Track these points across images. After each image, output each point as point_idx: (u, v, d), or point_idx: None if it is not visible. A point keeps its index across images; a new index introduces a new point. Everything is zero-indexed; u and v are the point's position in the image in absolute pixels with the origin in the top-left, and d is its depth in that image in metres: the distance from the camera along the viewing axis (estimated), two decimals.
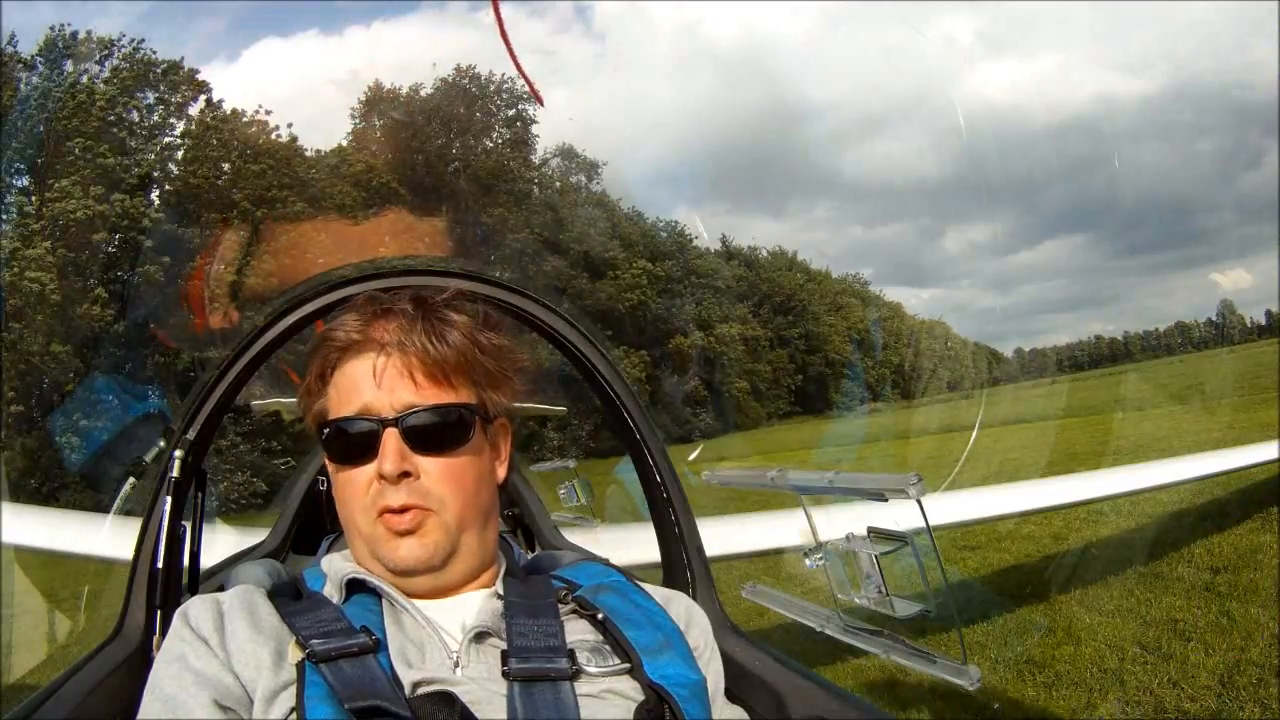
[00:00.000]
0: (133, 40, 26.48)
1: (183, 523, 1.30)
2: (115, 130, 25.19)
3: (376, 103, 32.43)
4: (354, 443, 0.98)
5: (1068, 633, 4.45)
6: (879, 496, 1.03)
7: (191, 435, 1.33)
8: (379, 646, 0.90)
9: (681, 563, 1.35)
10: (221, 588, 1.09)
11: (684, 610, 1.08)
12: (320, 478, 2.55)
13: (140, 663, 1.14)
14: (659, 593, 1.10)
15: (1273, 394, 14.34)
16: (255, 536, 2.74)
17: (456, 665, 0.92)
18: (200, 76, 27.24)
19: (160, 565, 1.25)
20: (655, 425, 1.40)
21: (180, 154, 26.55)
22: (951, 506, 4.54)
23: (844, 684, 1.13)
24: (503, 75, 33.32)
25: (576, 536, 2.46)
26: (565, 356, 1.45)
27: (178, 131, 26.77)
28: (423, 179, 31.29)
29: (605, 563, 1.21)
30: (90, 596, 5.34)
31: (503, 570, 1.07)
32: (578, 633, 0.98)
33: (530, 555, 1.53)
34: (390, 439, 0.96)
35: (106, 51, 26.14)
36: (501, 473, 1.08)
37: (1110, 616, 4.63)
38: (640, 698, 0.91)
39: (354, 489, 0.99)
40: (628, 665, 0.94)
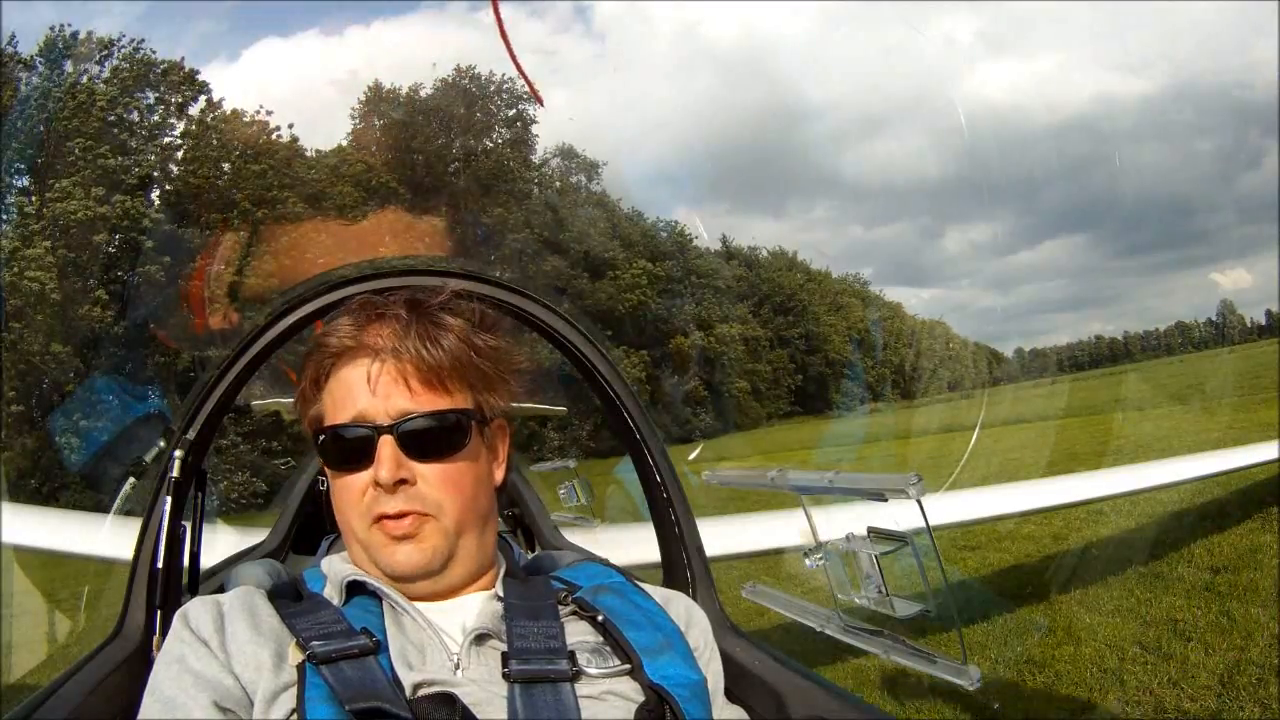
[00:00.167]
0: (133, 40, 26.54)
1: (183, 523, 1.30)
2: (115, 130, 25.19)
3: (376, 103, 32.44)
4: (350, 449, 0.98)
5: (1068, 633, 4.45)
6: (879, 496, 1.03)
7: (191, 435, 1.33)
8: (379, 648, 0.90)
9: (681, 563, 1.35)
10: (221, 588, 1.09)
11: (684, 610, 1.08)
12: (320, 478, 2.55)
13: (140, 663, 1.14)
14: (659, 593, 1.10)
15: (1273, 394, 14.33)
16: (255, 536, 2.74)
17: (457, 667, 0.92)
18: (200, 76, 27.30)
19: (160, 565, 1.25)
20: (655, 425, 1.39)
21: (180, 154, 26.55)
22: (951, 506, 4.54)
23: (844, 684, 1.13)
24: (503, 75, 33.35)
25: (576, 536, 2.46)
26: (565, 356, 1.45)
27: (178, 131, 26.81)
28: (422, 179, 31.29)
29: (605, 563, 1.21)
30: (90, 596, 5.33)
31: (502, 572, 1.07)
32: (578, 634, 0.98)
33: (530, 555, 1.53)
34: (386, 446, 0.96)
35: (106, 51, 26.14)
36: (500, 475, 1.08)
37: (1110, 616, 4.62)
38: (641, 698, 0.91)
39: (350, 495, 0.98)
40: (628, 666, 0.94)
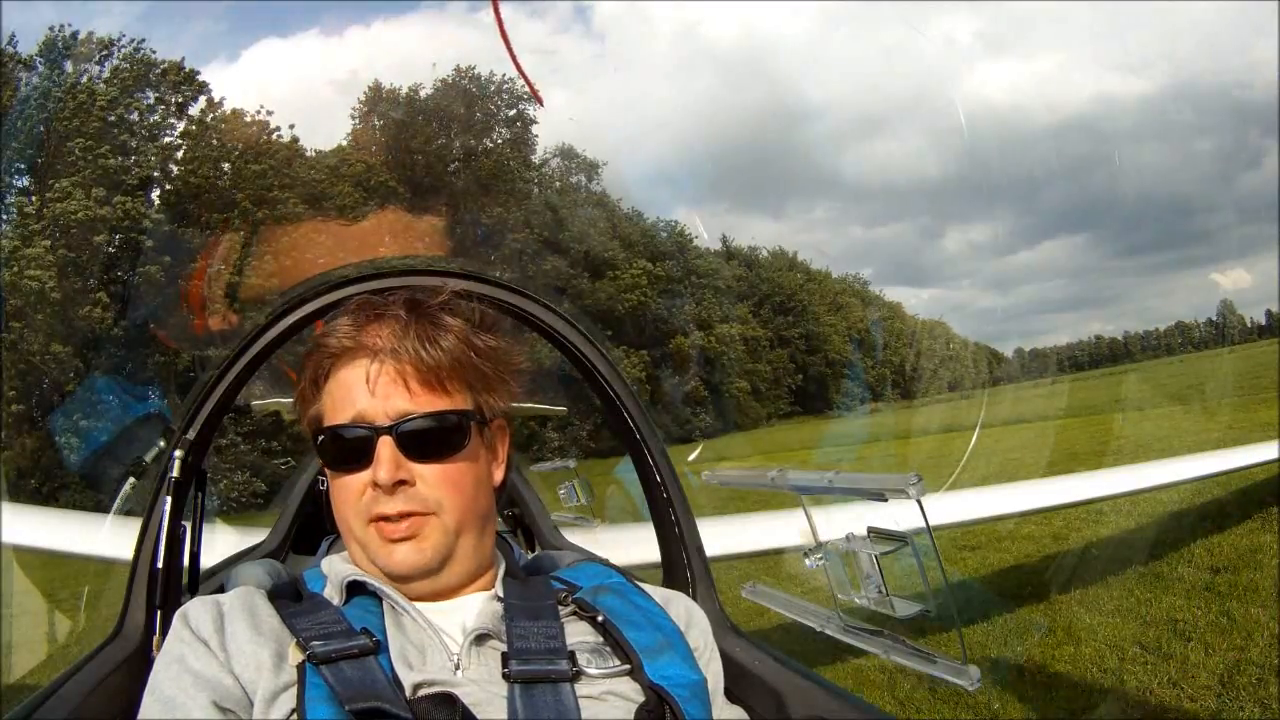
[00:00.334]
0: (133, 40, 26.55)
1: (183, 523, 1.30)
2: (116, 131, 25.19)
3: (376, 103, 32.44)
4: (348, 450, 0.98)
5: (1068, 633, 4.45)
6: (879, 496, 1.03)
7: (191, 435, 1.33)
8: (379, 648, 0.90)
9: (681, 563, 1.35)
10: (221, 588, 1.09)
11: (684, 610, 1.08)
12: (320, 478, 2.55)
13: (140, 663, 1.14)
14: (659, 593, 1.10)
15: (1273, 394, 14.33)
16: (255, 536, 2.74)
17: (457, 667, 0.92)
18: (200, 77, 27.30)
19: (160, 565, 1.25)
20: (655, 425, 1.39)
21: (180, 154, 26.55)
22: (951, 506, 4.54)
23: (844, 684, 1.13)
24: (503, 75, 33.34)
25: (576, 536, 2.46)
26: (565, 356, 1.45)
27: (178, 131, 26.81)
28: (422, 179, 31.28)
29: (605, 563, 1.21)
30: (90, 596, 5.33)
31: (502, 572, 1.07)
32: (578, 634, 0.98)
33: (530, 555, 1.53)
34: (385, 447, 0.96)
35: (106, 51, 26.15)
36: (499, 475, 1.08)
37: (1110, 616, 4.62)
38: (641, 699, 0.91)
39: (348, 495, 0.98)
40: (628, 666, 0.94)
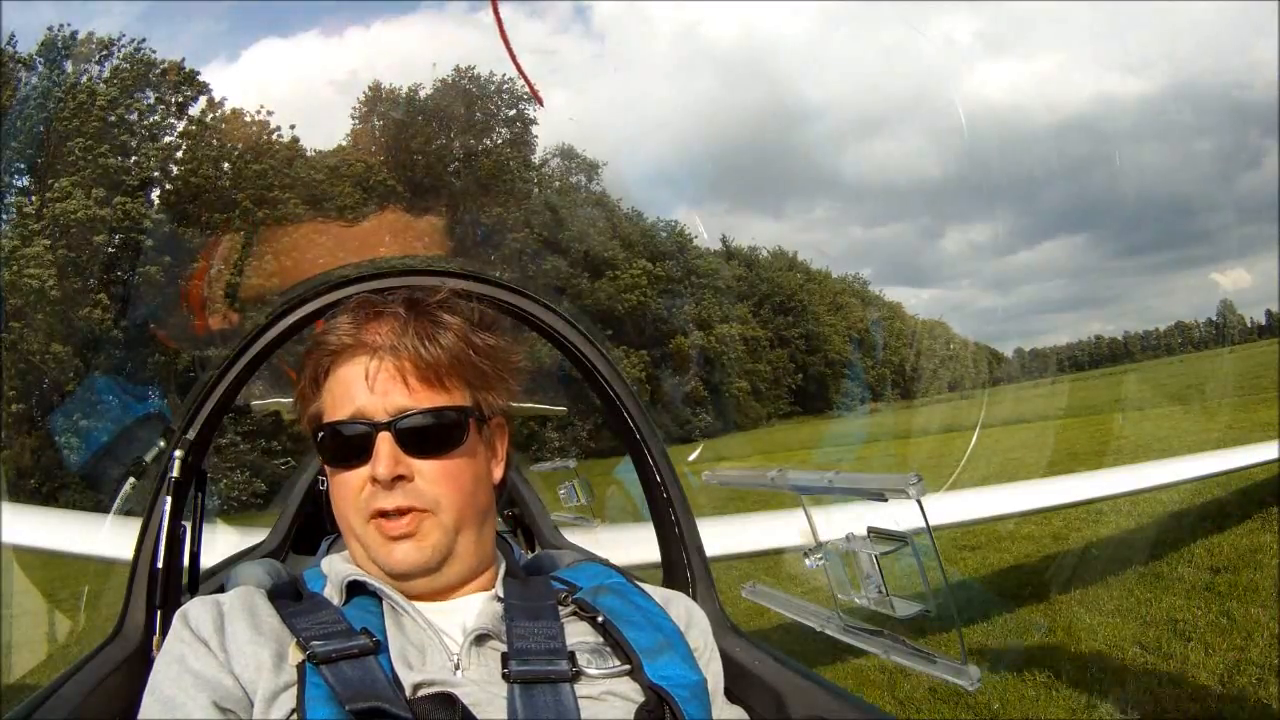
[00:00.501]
0: (133, 40, 26.55)
1: (183, 523, 1.30)
2: (116, 131, 25.19)
3: (376, 103, 32.45)
4: (348, 446, 0.98)
5: (1068, 633, 4.45)
6: (879, 496, 1.03)
7: (191, 435, 1.33)
8: (380, 648, 0.90)
9: (681, 563, 1.35)
10: (222, 588, 1.09)
11: (684, 611, 1.08)
12: (320, 477, 2.55)
13: (140, 663, 1.14)
14: (659, 593, 1.10)
15: (1273, 394, 14.33)
16: (255, 536, 2.74)
17: (457, 667, 0.92)
18: (200, 77, 27.31)
19: (160, 565, 1.25)
20: (655, 425, 1.39)
21: (180, 154, 26.55)
22: (951, 506, 4.54)
23: (844, 684, 1.13)
24: (503, 75, 33.36)
25: (576, 536, 2.46)
26: (565, 356, 1.45)
27: (178, 131, 26.80)
28: (422, 179, 31.29)
29: (605, 563, 1.21)
30: (90, 596, 5.33)
31: (502, 572, 1.07)
32: (578, 634, 0.98)
33: (530, 555, 1.53)
34: (384, 442, 0.96)
35: (106, 51, 26.15)
36: (498, 473, 1.08)
37: (1110, 616, 4.62)
38: (641, 699, 0.91)
39: (348, 491, 0.99)
40: (628, 667, 0.94)
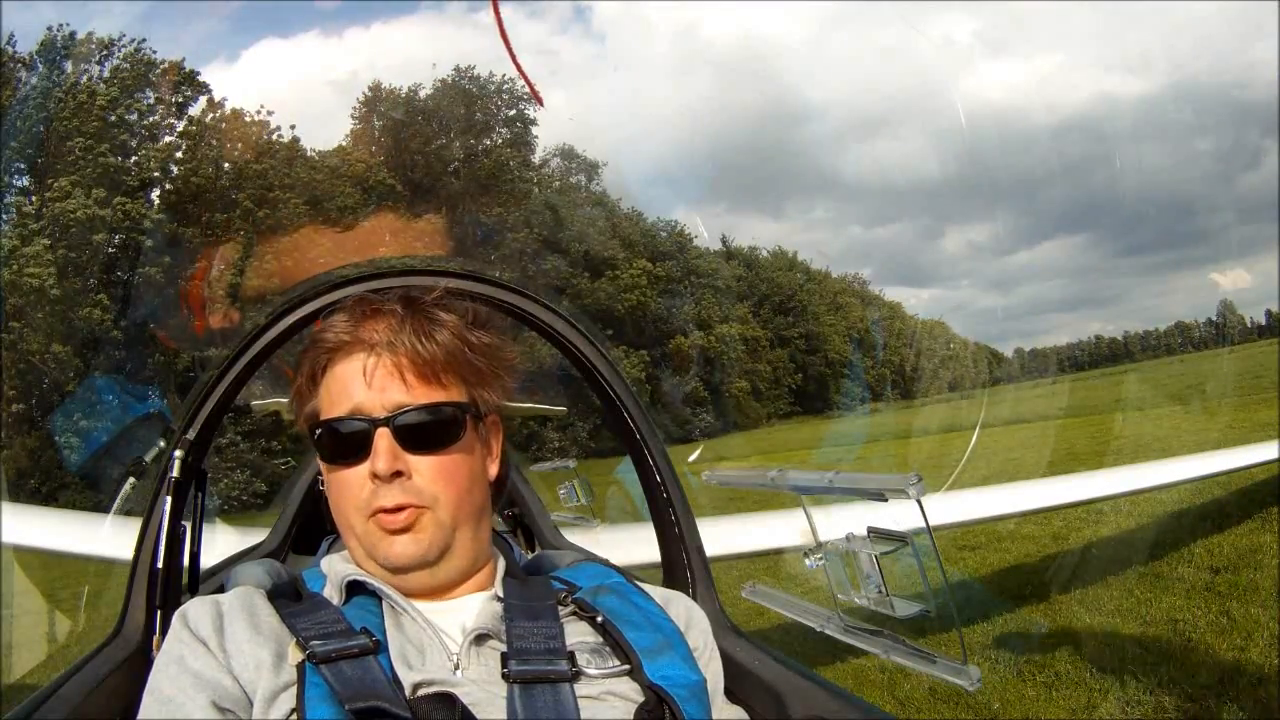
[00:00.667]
0: (133, 40, 26.55)
1: (183, 523, 1.30)
2: (116, 131, 25.20)
3: (376, 103, 32.45)
4: (346, 443, 0.99)
5: (1068, 633, 4.45)
6: (879, 496, 1.03)
7: (191, 435, 1.33)
8: (379, 648, 0.90)
9: (681, 563, 1.35)
10: (221, 588, 1.09)
11: (684, 610, 1.08)
12: (320, 477, 2.54)
13: (140, 663, 1.14)
14: (659, 593, 1.10)
15: (1273, 394, 14.34)
16: (255, 536, 2.74)
17: (457, 667, 0.92)
18: (200, 77, 27.31)
19: (160, 565, 1.25)
20: (655, 425, 1.39)
21: (180, 154, 26.56)
22: (951, 506, 4.54)
23: (844, 684, 1.13)
24: (503, 75, 33.37)
25: (576, 536, 2.46)
26: (565, 356, 1.44)
27: (178, 131, 26.81)
28: (422, 179, 31.29)
29: (605, 563, 1.21)
30: (90, 596, 5.33)
31: (502, 572, 1.07)
32: (577, 634, 0.98)
33: (530, 555, 1.53)
34: (382, 439, 0.97)
35: (106, 51, 26.15)
36: (494, 470, 1.09)
37: (1110, 616, 4.62)
38: (640, 699, 0.91)
39: (347, 489, 0.99)
40: (627, 667, 0.94)
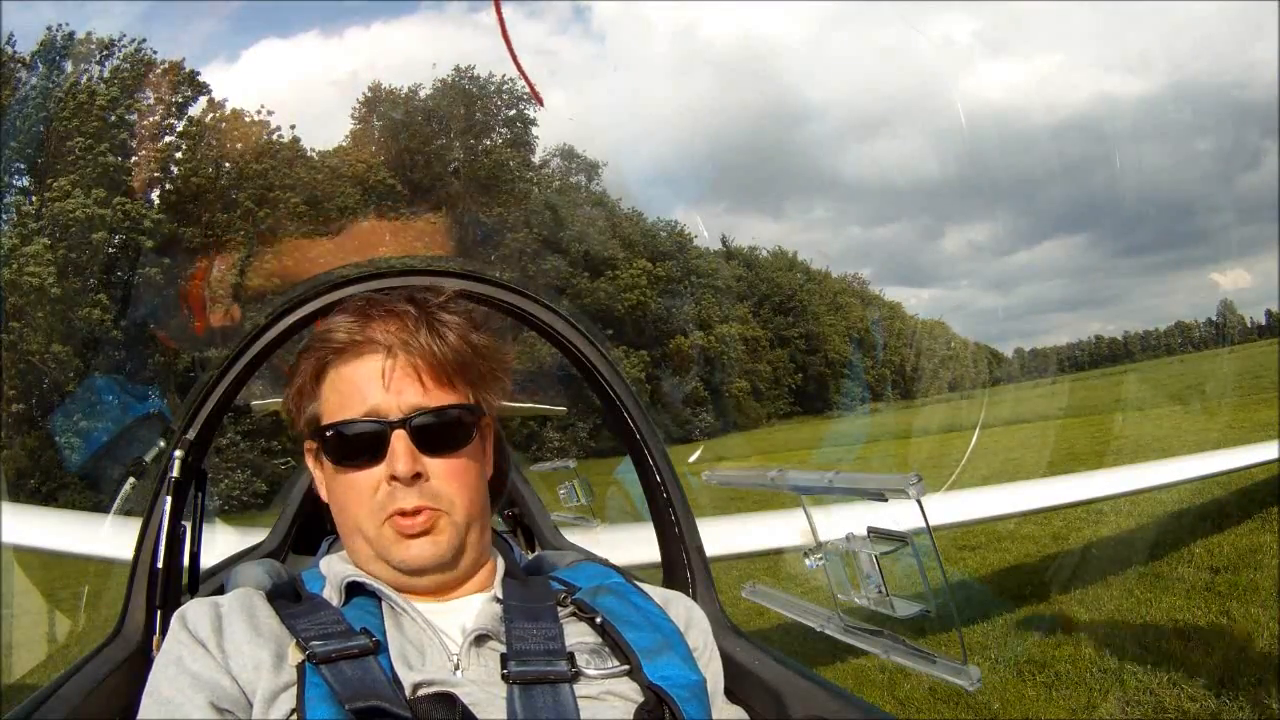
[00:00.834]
0: (133, 40, 26.56)
1: (183, 523, 1.30)
2: (116, 131, 25.20)
3: (376, 103, 32.45)
4: (359, 445, 0.98)
5: (1068, 633, 4.45)
6: (879, 496, 1.03)
7: (191, 435, 1.33)
8: (379, 648, 0.90)
9: (681, 563, 1.34)
10: (222, 587, 1.09)
11: (684, 611, 1.08)
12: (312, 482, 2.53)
13: (140, 663, 1.14)
14: (659, 594, 1.10)
15: (1273, 394, 14.34)
16: (255, 536, 2.74)
17: (457, 667, 0.92)
18: (200, 77, 27.32)
19: (160, 565, 1.24)
20: (655, 425, 1.39)
21: (180, 154, 26.56)
22: (951, 506, 4.54)
23: (844, 684, 1.13)
24: (503, 75, 33.40)
25: (576, 536, 2.46)
26: (565, 356, 1.44)
27: (178, 131, 26.80)
28: (422, 179, 31.29)
29: (605, 564, 1.21)
30: (90, 596, 5.33)
31: (501, 573, 1.07)
32: (577, 635, 0.98)
33: (531, 556, 1.53)
34: (400, 441, 0.96)
35: (107, 51, 26.16)
36: (489, 470, 1.09)
37: (1110, 616, 4.62)
38: (640, 699, 0.91)
39: (358, 492, 0.98)
40: (626, 667, 0.94)
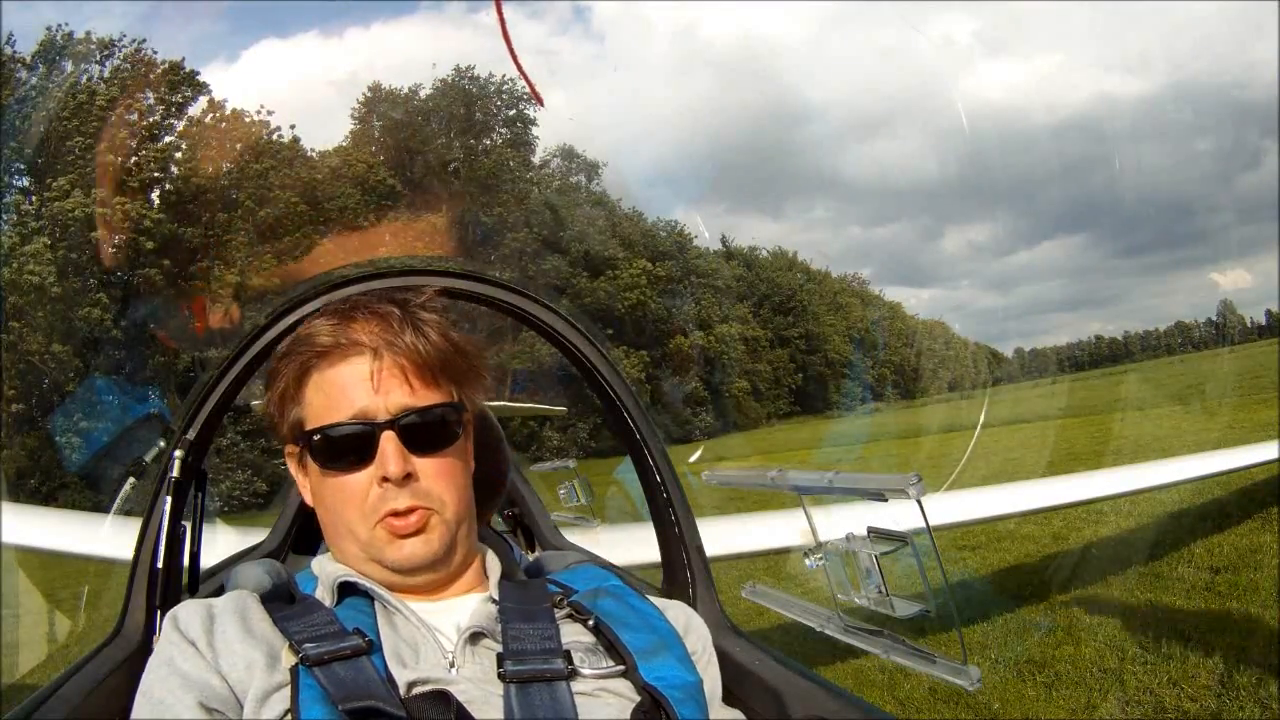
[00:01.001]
0: (133, 40, 26.57)
1: (183, 523, 1.30)
2: (116, 131, 25.20)
3: (376, 103, 32.47)
4: (349, 448, 0.97)
5: (1068, 633, 4.45)
6: (879, 496, 1.03)
7: (191, 435, 1.33)
8: (372, 648, 0.89)
9: (681, 563, 1.34)
10: (221, 588, 1.09)
11: (682, 615, 1.08)
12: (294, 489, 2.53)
13: (140, 663, 1.14)
14: (657, 601, 1.10)
15: (1273, 394, 14.34)
16: (255, 536, 2.73)
17: (452, 665, 0.92)
18: (200, 77, 27.34)
19: (160, 565, 1.24)
20: (655, 425, 1.39)
21: (180, 154, 26.56)
22: (951, 506, 4.54)
23: (844, 684, 1.13)
24: (503, 75, 33.46)
25: (576, 536, 2.46)
26: (565, 356, 1.44)
27: (178, 131, 26.82)
28: (422, 179, 31.30)
29: (604, 566, 1.21)
30: (90, 596, 5.34)
31: (497, 575, 1.07)
32: (573, 635, 0.98)
33: (531, 557, 1.53)
34: (389, 442, 0.96)
35: (107, 51, 26.17)
36: (473, 466, 1.09)
37: (1110, 616, 4.62)
38: (636, 699, 0.91)
39: (349, 495, 0.98)
40: (622, 667, 0.93)
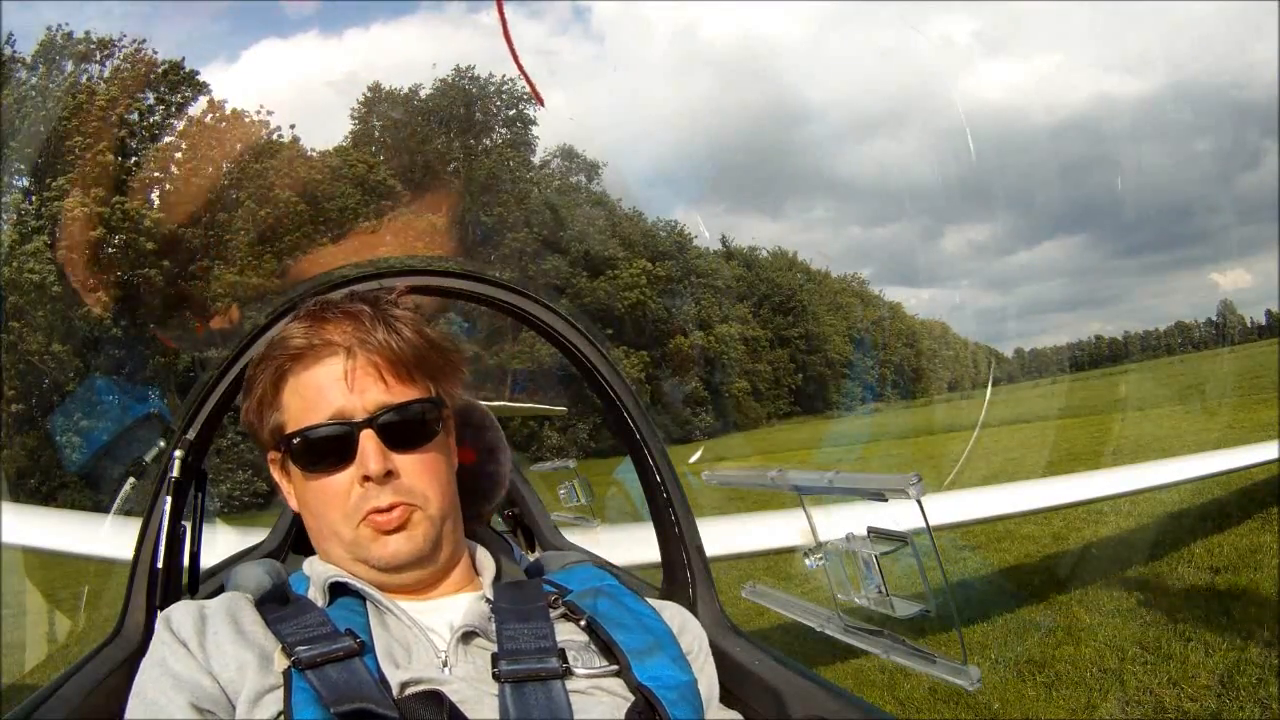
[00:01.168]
0: (133, 40, 26.57)
1: (183, 523, 1.30)
2: (116, 131, 25.21)
3: (376, 103, 32.47)
4: (328, 449, 0.97)
5: (1068, 633, 4.45)
6: (879, 496, 1.03)
7: (191, 435, 1.33)
8: (364, 649, 0.89)
9: (681, 563, 1.34)
10: (221, 588, 1.09)
11: (678, 615, 1.08)
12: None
13: (140, 663, 1.14)
14: (653, 601, 1.10)
15: (1273, 394, 14.34)
16: (255, 536, 2.74)
17: (445, 665, 0.92)
18: (200, 77, 27.35)
19: (160, 565, 1.24)
20: (655, 425, 1.39)
21: (180, 154, 26.57)
22: (951, 506, 4.55)
23: (844, 684, 1.13)
24: (503, 76, 33.45)
25: (576, 536, 2.46)
26: (565, 356, 1.44)
27: (178, 131, 26.82)
28: (422, 179, 31.30)
29: (601, 566, 1.21)
30: (90, 596, 5.34)
31: (491, 575, 1.07)
32: (567, 635, 0.98)
33: (532, 557, 1.53)
34: (368, 440, 0.96)
35: (107, 52, 26.18)
36: (455, 462, 1.09)
37: (1110, 616, 4.62)
38: (630, 699, 0.91)
39: (331, 496, 0.98)
40: (615, 667, 0.93)
